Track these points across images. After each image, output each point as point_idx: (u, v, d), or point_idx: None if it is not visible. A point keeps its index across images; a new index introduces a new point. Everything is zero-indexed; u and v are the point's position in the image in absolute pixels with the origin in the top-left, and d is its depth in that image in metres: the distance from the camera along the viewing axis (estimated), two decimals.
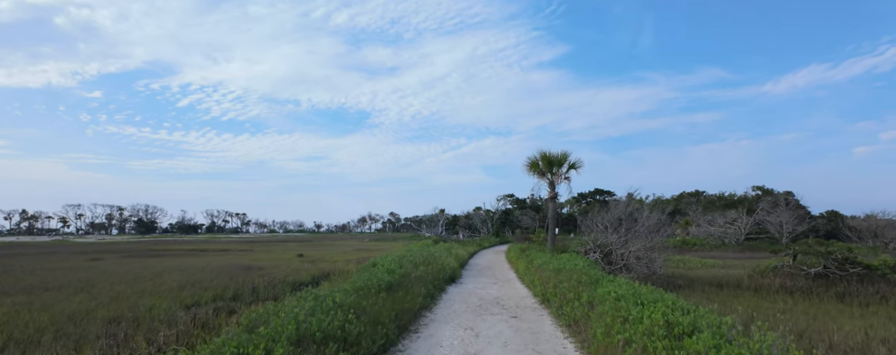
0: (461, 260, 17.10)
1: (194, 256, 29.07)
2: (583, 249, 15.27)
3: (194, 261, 25.22)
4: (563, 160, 18.94)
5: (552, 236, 18.67)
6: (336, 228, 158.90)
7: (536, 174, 19.19)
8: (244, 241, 62.91)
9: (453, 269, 12.83)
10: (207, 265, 21.45)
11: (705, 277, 16.45)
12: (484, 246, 34.47)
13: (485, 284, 11.88)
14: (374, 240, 64.24)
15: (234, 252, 35.38)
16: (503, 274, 14.93)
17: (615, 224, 14.68)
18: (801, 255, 14.55)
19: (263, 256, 28.38)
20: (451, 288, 11.00)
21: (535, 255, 14.33)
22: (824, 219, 43.38)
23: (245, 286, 13.42)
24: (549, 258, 12.28)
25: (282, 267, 19.84)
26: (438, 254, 14.74)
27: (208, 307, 10.00)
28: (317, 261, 24.08)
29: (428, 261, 11.86)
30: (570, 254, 14.32)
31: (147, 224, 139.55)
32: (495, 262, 20.49)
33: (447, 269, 11.90)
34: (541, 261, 11.45)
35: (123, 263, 23.43)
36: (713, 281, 15.35)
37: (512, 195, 70.73)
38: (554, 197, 19.09)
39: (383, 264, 10.61)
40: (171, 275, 16.65)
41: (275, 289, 12.85)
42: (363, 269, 10.54)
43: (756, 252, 33.12)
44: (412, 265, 10.60)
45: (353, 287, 7.07)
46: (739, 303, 11.37)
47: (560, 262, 11.16)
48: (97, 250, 36.76)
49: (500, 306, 8.94)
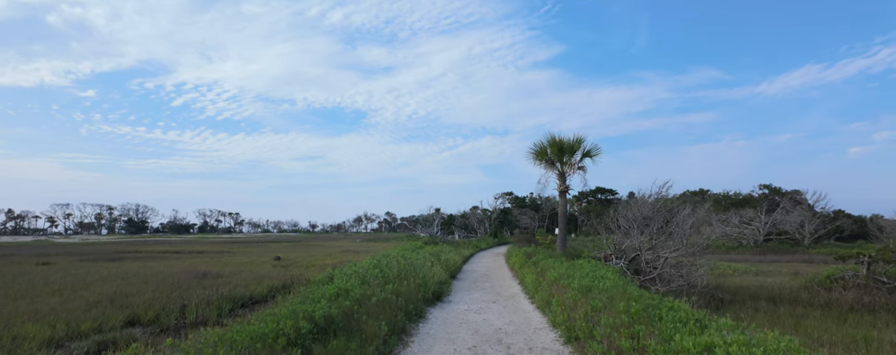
0: (453, 267, 14.17)
1: (159, 260, 26.14)
2: (602, 254, 12.47)
3: (154, 265, 22.34)
4: (577, 146, 15.95)
5: (563, 238, 15.74)
6: (331, 228, 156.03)
7: (544, 164, 16.28)
8: (230, 242, 59.95)
9: (440, 283, 9.92)
10: (163, 271, 18.57)
11: (747, 288, 13.69)
12: (481, 247, 31.64)
13: (481, 304, 8.99)
14: (367, 241, 61.44)
15: (209, 254, 32.45)
16: (504, 285, 12.10)
17: (641, 223, 11.90)
18: (880, 263, 11.69)
19: (235, 260, 25.48)
20: (435, 312, 8.04)
21: (545, 264, 11.45)
22: (850, 219, 40.73)
23: (181, 301, 10.60)
24: (565, 267, 9.47)
25: (244, 274, 16.98)
26: (423, 261, 11.81)
27: (90, 341, 7.15)
28: (290, 266, 21.22)
29: (406, 272, 8.93)
30: (587, 261, 11.53)
31: (137, 224, 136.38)
32: (494, 268, 17.62)
33: (431, 283, 9.01)
34: (556, 274, 8.61)
35: (70, 268, 20.53)
36: (760, 294, 12.58)
37: (510, 193, 67.99)
38: (565, 190, 16.12)
39: (340, 279, 7.79)
40: (103, 286, 13.80)
41: (213, 306, 10.01)
42: (307, 288, 7.70)
43: (779, 254, 30.42)
44: (381, 281, 7.67)
45: (251, 336, 4.10)
46: (823, 329, 8.50)
47: (582, 274, 8.37)
48: (62, 252, 33.78)
49: (506, 351, 5.94)
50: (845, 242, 36.50)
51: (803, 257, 29.00)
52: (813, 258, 28.21)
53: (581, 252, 14.61)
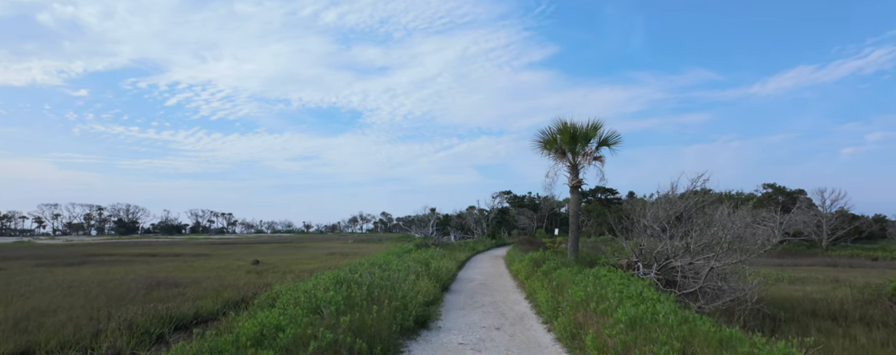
0: (445, 278, 11.69)
1: (124, 264, 23.86)
2: (624, 261, 10.32)
3: (115, 270, 20.09)
4: (592, 133, 13.32)
5: (575, 241, 13.36)
6: (326, 229, 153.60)
7: (553, 154, 13.87)
8: (218, 243, 57.59)
9: (426, 303, 7.63)
10: (116, 279, 16.34)
11: (792, 300, 11.61)
12: (478, 249, 29.46)
13: (481, 332, 6.63)
14: (359, 241, 59.28)
15: (185, 257, 30.16)
16: (508, 300, 9.87)
17: (673, 224, 9.80)
18: None
19: (209, 264, 23.24)
20: (417, 350, 5.69)
21: (560, 275, 9.16)
22: (869, 221, 38.82)
23: (99, 324, 8.43)
24: (591, 283, 7.28)
25: (208, 283, 14.79)
26: (406, 273, 9.42)
27: None
28: (266, 272, 19.02)
29: (380, 291, 6.63)
30: (607, 270, 9.40)
31: (128, 224, 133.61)
32: (493, 275, 15.35)
33: (413, 305, 6.71)
34: (581, 293, 6.30)
35: (16, 275, 18.28)
36: (817, 309, 10.50)
37: (509, 192, 65.95)
38: (578, 185, 13.61)
39: (286, 302, 5.60)
40: (31, 300, 11.62)
41: (136, 331, 7.83)
42: (234, 318, 5.50)
43: (797, 256, 28.51)
44: (342, 305, 5.41)
45: None
46: None
47: (615, 292, 6.23)
48: (27, 255, 31.40)
49: None
50: (864, 243, 34.65)
51: (825, 260, 27.03)
52: (837, 261, 26.28)
53: (597, 258, 12.45)
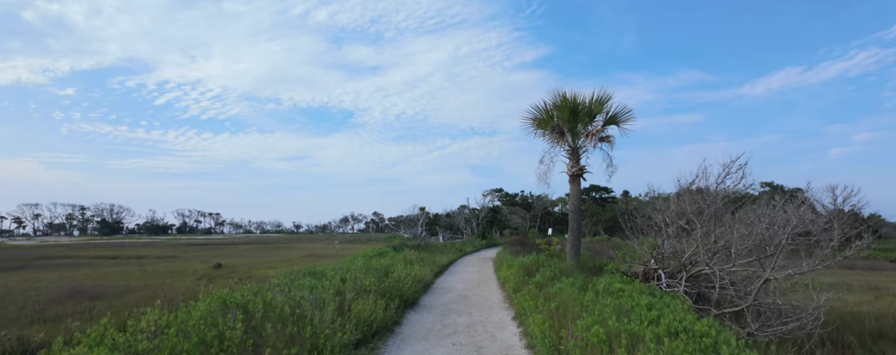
0: (410, 291, 9.04)
1: (72, 268, 21.40)
2: (640, 268, 8.14)
3: (54, 276, 17.68)
4: (598, 108, 10.48)
5: (576, 242, 10.85)
6: (317, 229, 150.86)
7: (549, 135, 11.21)
8: (199, 244, 54.92)
9: (367, 336, 5.27)
10: (36, 286, 13.98)
11: (847, 317, 9.59)
12: (466, 251, 27.10)
13: None
14: (346, 242, 56.97)
15: (148, 259, 27.68)
16: (491, 321, 7.49)
17: (704, 221, 7.66)
18: None
19: (164, 268, 20.83)
20: None
21: (562, 293, 6.64)
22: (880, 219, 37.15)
23: None
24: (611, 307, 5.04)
25: (137, 294, 12.48)
26: (353, 293, 6.82)
27: None
28: (222, 278, 16.67)
29: (270, 333, 4.18)
30: (617, 278, 7.23)
31: (111, 225, 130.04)
32: (478, 283, 12.73)
33: (340, 344, 4.38)
34: (599, 330, 4.05)
35: None
36: (883, 330, 8.48)
37: (500, 190, 63.87)
38: (579, 173, 10.84)
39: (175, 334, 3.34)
40: None
41: None
42: None
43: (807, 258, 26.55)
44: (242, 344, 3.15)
45: None
46: None
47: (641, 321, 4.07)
48: None
49: None
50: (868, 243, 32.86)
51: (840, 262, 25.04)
52: (853, 263, 24.44)
53: (602, 263, 10.16)
